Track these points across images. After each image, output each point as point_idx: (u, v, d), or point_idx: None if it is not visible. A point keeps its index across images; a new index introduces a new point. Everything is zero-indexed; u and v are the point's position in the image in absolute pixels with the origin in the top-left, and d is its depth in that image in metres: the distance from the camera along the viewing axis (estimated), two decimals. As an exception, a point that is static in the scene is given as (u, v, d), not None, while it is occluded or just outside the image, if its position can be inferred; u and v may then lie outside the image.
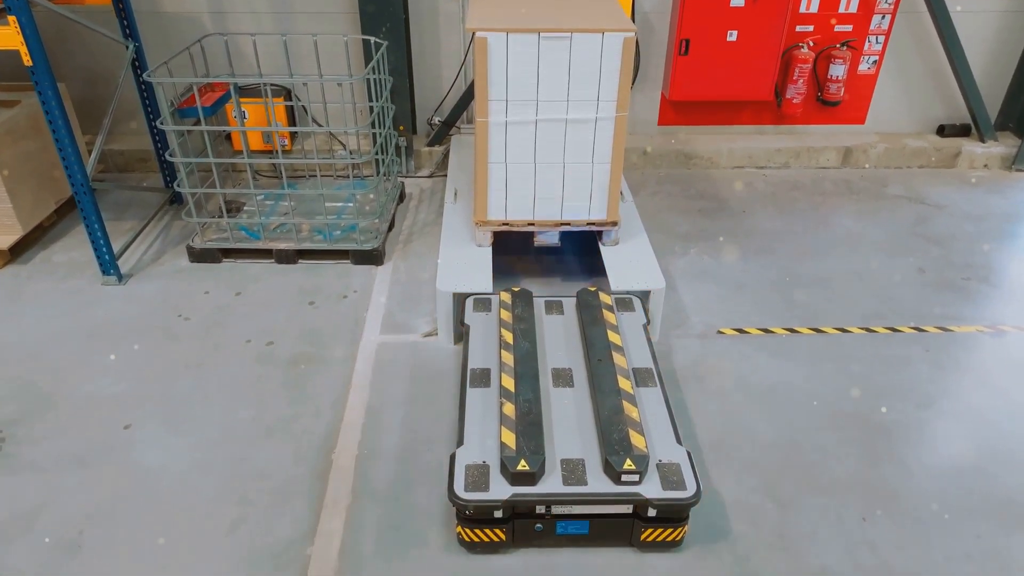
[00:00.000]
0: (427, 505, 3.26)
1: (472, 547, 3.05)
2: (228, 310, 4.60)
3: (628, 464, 2.92)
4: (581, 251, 5.23)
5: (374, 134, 5.06)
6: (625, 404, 3.23)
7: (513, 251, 5.17)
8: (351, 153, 6.16)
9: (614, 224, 4.43)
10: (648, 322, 3.95)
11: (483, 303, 4.08)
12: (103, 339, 4.32)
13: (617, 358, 3.53)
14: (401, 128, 6.02)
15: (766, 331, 4.46)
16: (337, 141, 6.37)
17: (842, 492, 3.38)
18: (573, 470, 3.00)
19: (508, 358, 3.51)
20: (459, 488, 2.91)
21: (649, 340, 3.79)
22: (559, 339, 3.80)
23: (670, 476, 2.97)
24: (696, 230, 5.59)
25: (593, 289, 4.02)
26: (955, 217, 5.80)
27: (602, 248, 4.51)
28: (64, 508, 3.25)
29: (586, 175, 4.29)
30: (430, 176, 6.43)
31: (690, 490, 2.92)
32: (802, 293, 4.83)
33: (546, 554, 3.07)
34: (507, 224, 4.42)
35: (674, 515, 2.96)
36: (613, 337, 3.69)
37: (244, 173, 6.18)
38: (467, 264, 4.34)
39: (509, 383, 3.35)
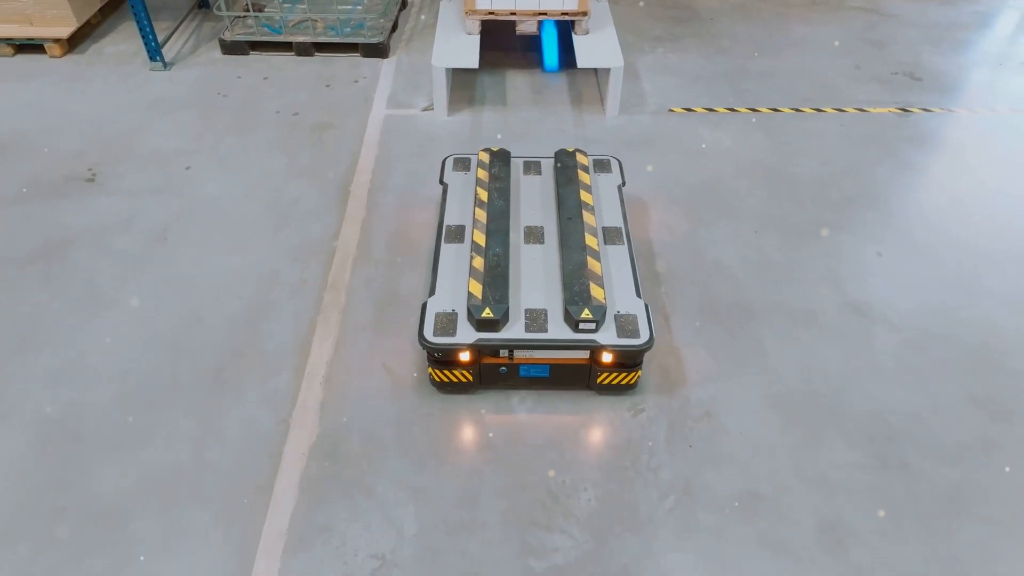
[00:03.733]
0: (423, 217, 4.28)
1: (442, 387, 3.31)
2: (258, 90, 5.46)
3: (586, 313, 3.07)
4: (559, 48, 5.98)
5: (378, -63, 5.67)
6: (589, 260, 3.36)
7: (500, 47, 5.92)
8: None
9: (584, 14, 5.15)
10: (624, 183, 3.99)
11: (462, 163, 4.10)
12: (158, 110, 5.23)
13: (587, 216, 3.61)
14: (403, -62, 6.56)
15: (710, 110, 5.29)
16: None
17: (744, 217, 4.36)
18: (535, 319, 3.16)
19: (481, 215, 3.62)
20: (428, 333, 3.11)
21: (622, 201, 3.84)
22: (534, 198, 3.86)
23: (626, 326, 3.13)
24: (666, 34, 6.27)
25: (571, 150, 4.08)
26: (903, 25, 6.42)
27: (574, 36, 5.26)
28: (150, 217, 4.30)
29: (561, -32, 4.97)
30: (430, -13, 7.04)
31: (643, 338, 3.09)
32: (748, 83, 5.61)
33: (510, 394, 3.37)
34: (492, 13, 5.15)
35: (628, 360, 3.16)
36: (585, 196, 3.76)
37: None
38: (458, 47, 5.13)
39: (480, 239, 3.47)
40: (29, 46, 5.77)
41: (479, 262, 3.34)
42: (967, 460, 3.10)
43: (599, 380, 3.25)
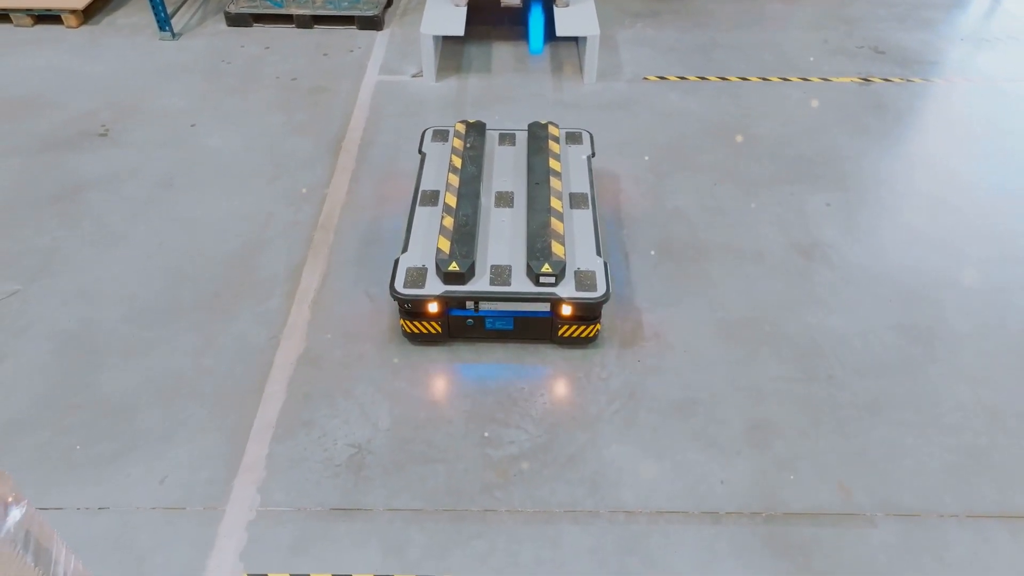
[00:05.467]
0: (407, 168, 4.63)
1: (413, 338, 3.52)
2: (260, 58, 5.84)
3: (546, 268, 3.29)
4: (529, 22, 6.34)
5: (373, -84, 6.03)
6: (553, 220, 3.57)
7: (487, 22, 6.28)
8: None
9: (564, -13, 5.52)
10: (593, 154, 4.20)
11: (441, 134, 4.32)
12: (166, 75, 5.61)
13: (554, 182, 3.83)
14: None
15: (682, 78, 5.63)
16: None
17: (705, 171, 4.70)
18: (500, 274, 3.39)
19: (454, 180, 3.84)
20: (399, 285, 3.34)
21: (591, 170, 4.05)
22: (507, 167, 4.06)
23: (585, 281, 3.36)
24: (646, 9, 6.61)
25: (544, 123, 4.29)
26: (872, 4, 6.73)
27: (555, 9, 5.61)
28: (157, 167, 4.68)
29: (542, -57, 5.32)
30: (425, -33, 7.40)
31: (600, 292, 3.31)
32: (720, 55, 5.94)
33: (469, 344, 3.60)
34: (478, -15, 5.52)
35: (586, 313, 3.37)
36: (554, 164, 3.98)
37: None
38: (446, 17, 5.49)
39: (452, 201, 3.70)
40: (47, 17, 6.15)
41: (449, 221, 3.58)
42: (886, 375, 3.44)
43: (560, 333, 3.46)
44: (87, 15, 6.29)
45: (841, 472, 3.05)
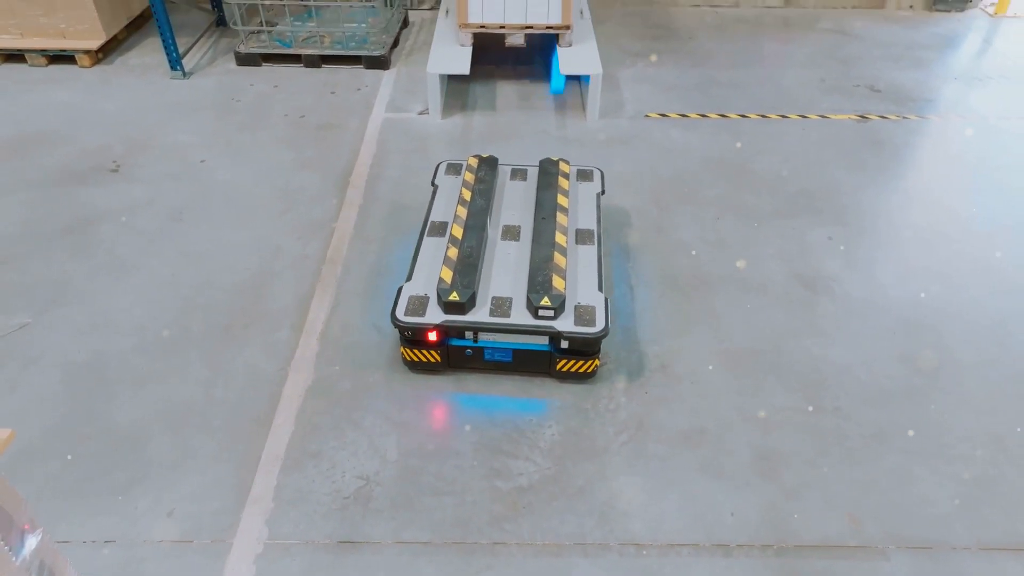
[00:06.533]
0: (414, 203, 4.71)
1: (413, 366, 3.57)
2: (269, 96, 5.96)
3: (545, 301, 3.29)
4: (545, 63, 6.48)
5: (381, -39, 6.22)
6: (556, 255, 3.59)
7: (492, 61, 6.43)
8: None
9: (567, 27, 5.65)
10: (603, 191, 4.25)
11: (454, 167, 4.40)
12: (177, 112, 5.73)
13: (560, 218, 3.85)
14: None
15: (683, 115, 5.75)
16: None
17: (707, 204, 4.78)
18: (500, 305, 3.42)
19: (462, 212, 3.89)
20: (400, 313, 3.39)
21: (599, 207, 4.09)
22: (516, 201, 4.11)
23: (584, 316, 3.35)
24: (646, 49, 6.77)
25: (556, 159, 4.34)
26: (867, 44, 6.91)
27: (558, 48, 5.76)
28: (167, 200, 4.75)
29: (545, -15, 5.49)
30: (431, 8, 7.59)
31: (598, 327, 3.31)
32: (719, 92, 6.08)
33: (475, 376, 3.61)
34: (483, 26, 5.66)
35: (585, 348, 3.37)
36: (562, 200, 4.00)
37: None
38: (452, 56, 5.63)
39: (458, 232, 3.74)
40: (61, 57, 6.30)
41: (453, 252, 3.62)
42: (892, 404, 3.45)
43: (559, 367, 3.46)
44: (100, 55, 6.44)
45: (850, 503, 3.05)
